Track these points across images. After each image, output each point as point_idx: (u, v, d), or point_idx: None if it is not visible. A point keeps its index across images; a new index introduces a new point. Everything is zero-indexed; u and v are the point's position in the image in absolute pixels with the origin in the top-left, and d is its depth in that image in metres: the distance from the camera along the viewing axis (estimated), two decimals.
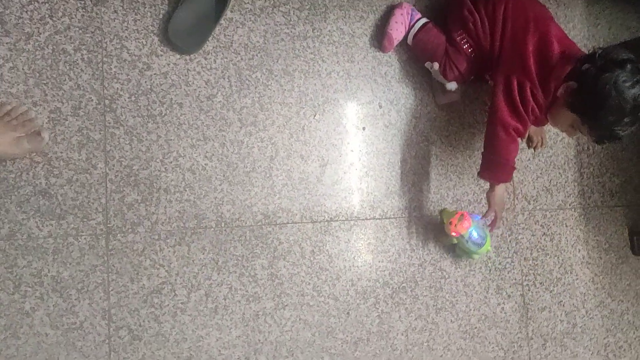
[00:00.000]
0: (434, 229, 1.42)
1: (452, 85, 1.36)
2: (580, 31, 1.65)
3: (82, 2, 1.13)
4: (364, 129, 1.36)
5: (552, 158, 1.59)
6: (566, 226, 1.59)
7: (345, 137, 1.34)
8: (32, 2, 1.09)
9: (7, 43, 1.07)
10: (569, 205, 1.61)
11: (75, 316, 1.09)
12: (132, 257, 1.14)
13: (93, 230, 1.11)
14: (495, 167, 1.31)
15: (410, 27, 1.35)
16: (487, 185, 1.40)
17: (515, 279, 1.51)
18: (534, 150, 1.54)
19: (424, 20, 1.35)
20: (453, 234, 1.30)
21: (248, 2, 1.27)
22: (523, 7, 1.28)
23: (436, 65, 1.34)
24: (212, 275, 1.20)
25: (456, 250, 1.41)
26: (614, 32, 1.70)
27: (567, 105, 1.20)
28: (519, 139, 1.29)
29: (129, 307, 1.13)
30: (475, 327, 1.46)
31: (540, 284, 1.55)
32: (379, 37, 1.37)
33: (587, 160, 1.64)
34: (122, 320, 1.12)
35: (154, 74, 1.18)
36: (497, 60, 1.30)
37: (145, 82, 1.17)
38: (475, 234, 1.33)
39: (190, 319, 1.17)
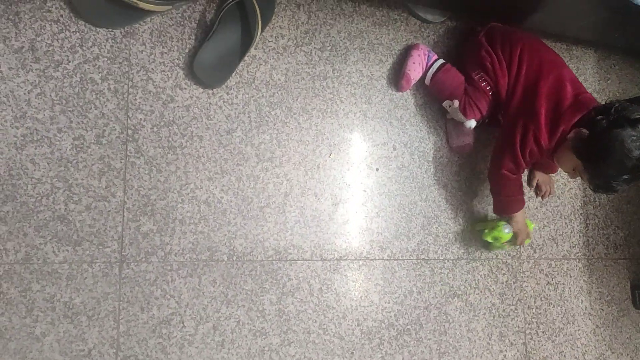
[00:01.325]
0: (440, 272, 1.43)
1: (471, 123, 1.38)
2: (591, 84, 1.69)
3: (112, 33, 1.16)
4: (377, 169, 1.39)
5: (559, 208, 1.61)
6: (570, 276, 1.61)
7: (358, 177, 1.36)
8: (64, 31, 1.12)
9: (36, 69, 1.09)
10: (574, 255, 1.62)
11: (85, 343, 1.09)
12: (144, 286, 1.14)
13: (107, 258, 1.12)
14: (503, 204, 1.39)
15: (428, 68, 1.38)
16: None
17: (518, 327, 1.52)
18: (542, 199, 1.57)
19: (442, 61, 1.39)
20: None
21: (272, 41, 1.30)
22: (538, 50, 1.33)
23: (456, 103, 1.36)
24: (221, 309, 1.20)
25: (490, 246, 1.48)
26: (624, 87, 1.74)
27: (573, 150, 1.22)
28: (518, 176, 1.35)
29: (138, 336, 1.13)
30: None
31: (543, 332, 1.56)
32: (396, 77, 1.41)
33: (592, 212, 1.66)
34: (129, 350, 1.12)
35: (177, 106, 1.20)
36: (509, 101, 1.33)
37: (168, 114, 1.19)
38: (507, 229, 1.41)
39: (197, 351, 1.17)
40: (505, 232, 1.39)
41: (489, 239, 1.42)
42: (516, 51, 1.32)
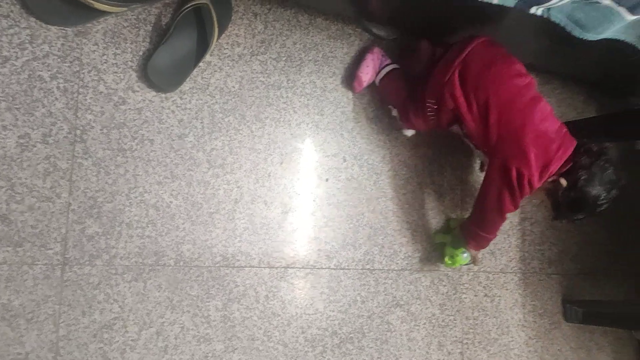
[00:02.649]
0: (384, 282, 1.47)
1: (408, 133, 1.47)
2: None
3: (64, 31, 1.14)
4: (327, 180, 1.41)
5: None
6: (506, 289, 1.68)
7: (308, 187, 1.38)
8: (13, 27, 1.09)
9: None
10: (511, 269, 1.70)
11: (22, 347, 1.06)
12: (87, 290, 1.12)
13: (49, 260, 1.10)
14: (482, 240, 1.40)
15: (379, 71, 1.43)
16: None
17: (456, 337, 1.58)
18: None
19: (392, 66, 1.42)
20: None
21: (227, 48, 1.31)
22: (515, 96, 1.24)
23: (395, 112, 1.43)
24: (166, 314, 1.19)
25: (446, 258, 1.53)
26: (563, 111, 1.84)
27: (547, 194, 1.31)
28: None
29: (78, 341, 1.11)
30: None
31: (479, 342, 1.62)
32: (350, 79, 1.44)
33: (529, 228, 1.74)
34: (69, 355, 1.10)
35: (129, 108, 1.19)
36: (494, 147, 1.26)
37: (119, 115, 1.18)
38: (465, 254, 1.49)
39: (138, 357, 1.16)
40: (464, 257, 1.49)
41: (454, 264, 1.50)
42: (494, 97, 1.23)
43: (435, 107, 1.30)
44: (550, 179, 1.27)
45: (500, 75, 1.25)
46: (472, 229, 1.39)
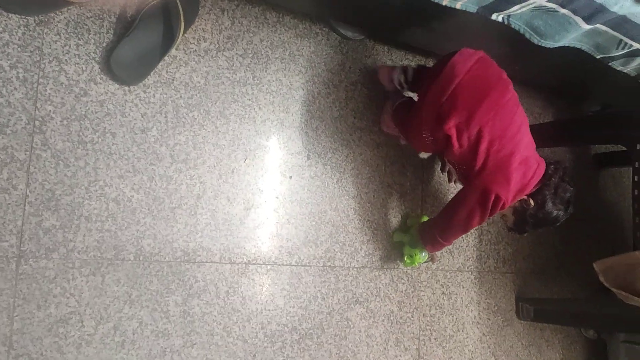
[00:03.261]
0: (344, 279, 1.49)
1: (424, 155, 1.51)
2: None
3: (25, 20, 1.11)
4: (290, 177, 1.42)
5: None
6: (463, 287, 1.73)
7: (271, 184, 1.39)
8: None
9: None
10: (467, 268, 1.74)
11: None
12: (43, 283, 1.11)
13: (4, 253, 1.07)
14: (439, 246, 1.45)
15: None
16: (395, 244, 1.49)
17: (413, 333, 1.61)
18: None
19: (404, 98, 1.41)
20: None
21: (194, 43, 1.30)
22: (511, 121, 1.26)
23: (403, 141, 1.54)
24: (124, 309, 1.19)
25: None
26: None
27: (513, 210, 1.38)
28: None
29: (33, 334, 1.09)
30: None
31: (435, 339, 1.66)
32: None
33: (486, 228, 1.79)
34: (23, 348, 1.08)
35: (90, 100, 1.17)
36: (477, 172, 1.28)
37: (80, 107, 1.16)
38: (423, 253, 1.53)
39: (94, 351, 1.15)
40: (422, 256, 1.54)
41: (413, 264, 1.55)
42: (486, 132, 1.23)
43: (431, 138, 1.32)
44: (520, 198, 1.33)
45: (494, 106, 1.24)
46: (433, 233, 1.43)
